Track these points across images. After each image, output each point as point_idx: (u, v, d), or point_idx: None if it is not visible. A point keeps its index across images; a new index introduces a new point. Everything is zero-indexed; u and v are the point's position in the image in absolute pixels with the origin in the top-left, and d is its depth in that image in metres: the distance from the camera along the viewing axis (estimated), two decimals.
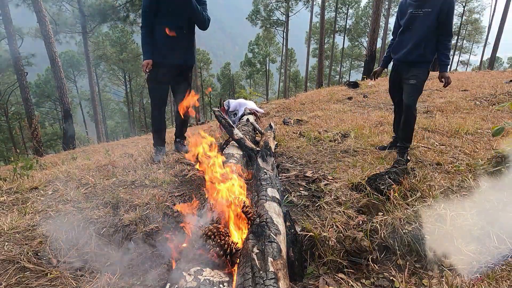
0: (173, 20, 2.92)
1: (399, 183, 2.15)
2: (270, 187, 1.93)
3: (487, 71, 11.95)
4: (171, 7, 2.89)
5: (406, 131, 3.01)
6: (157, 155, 3.21)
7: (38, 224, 1.98)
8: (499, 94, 6.10)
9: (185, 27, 3.02)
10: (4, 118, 23.53)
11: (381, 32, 21.98)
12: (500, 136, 2.74)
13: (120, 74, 31.81)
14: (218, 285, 1.22)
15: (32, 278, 1.55)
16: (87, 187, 2.54)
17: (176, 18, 2.93)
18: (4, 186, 2.68)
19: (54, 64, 10.14)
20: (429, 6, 2.77)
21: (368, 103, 6.63)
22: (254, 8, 31.81)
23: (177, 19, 2.94)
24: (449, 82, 2.95)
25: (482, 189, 2.13)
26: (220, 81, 40.59)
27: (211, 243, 1.37)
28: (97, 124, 15.85)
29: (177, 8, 2.91)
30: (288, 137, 3.97)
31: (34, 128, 9.61)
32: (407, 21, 2.92)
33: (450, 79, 2.94)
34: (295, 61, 40.39)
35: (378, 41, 14.84)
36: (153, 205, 2.15)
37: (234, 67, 44.42)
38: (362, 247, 1.63)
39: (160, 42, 2.96)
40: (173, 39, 2.95)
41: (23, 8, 13.27)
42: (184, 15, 2.96)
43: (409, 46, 2.91)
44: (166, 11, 2.90)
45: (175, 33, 2.93)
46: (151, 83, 3.12)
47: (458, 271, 1.50)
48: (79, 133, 24.64)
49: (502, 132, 2.31)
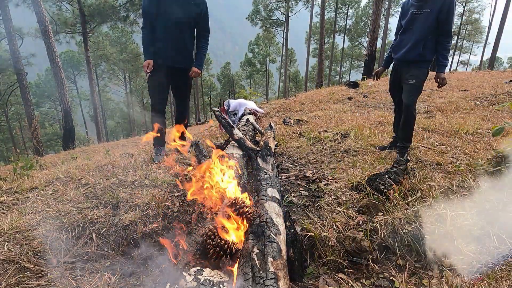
0: (173, 22, 2.91)
1: (399, 183, 2.15)
2: (270, 187, 1.93)
3: (487, 71, 11.95)
4: (171, 8, 2.88)
5: (406, 131, 3.01)
6: (157, 156, 3.21)
7: (38, 224, 1.97)
8: (499, 94, 6.10)
9: (185, 28, 2.99)
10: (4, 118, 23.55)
11: (381, 32, 21.97)
12: (500, 136, 2.74)
13: (120, 74, 31.81)
14: (218, 285, 1.22)
15: (32, 278, 1.55)
16: (87, 187, 2.54)
17: (176, 19, 2.91)
18: (4, 186, 2.68)
19: (54, 64, 10.14)
20: (429, 6, 2.79)
21: (368, 103, 6.63)
22: (254, 8, 31.80)
23: (177, 20, 2.92)
24: (444, 83, 2.95)
25: (482, 189, 2.13)
26: (220, 81, 40.59)
27: (211, 243, 1.37)
28: (97, 124, 15.84)
29: (177, 9, 2.89)
30: (288, 137, 3.97)
31: (34, 128, 9.61)
32: (408, 21, 2.94)
33: (445, 81, 2.95)
34: (295, 61, 40.39)
35: (378, 41, 14.85)
36: (153, 205, 2.15)
37: (234, 67, 44.41)
38: (362, 247, 1.63)
39: (160, 43, 2.95)
40: (173, 40, 2.94)
41: (23, 8, 13.25)
42: (184, 17, 2.94)
43: (408, 46, 2.93)
44: (166, 12, 2.88)
45: (174, 34, 2.91)
46: (151, 84, 3.12)
47: (458, 271, 1.50)
48: (79, 133, 24.65)
49: (502, 132, 2.31)
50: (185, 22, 2.97)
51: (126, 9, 15.73)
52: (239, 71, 40.92)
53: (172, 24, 2.91)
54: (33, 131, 9.45)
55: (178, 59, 3.02)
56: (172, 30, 2.91)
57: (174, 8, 2.89)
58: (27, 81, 10.78)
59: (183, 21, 2.96)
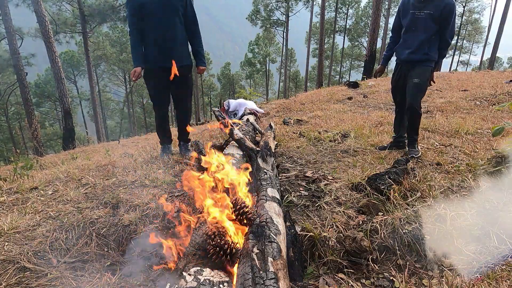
0: (160, 22, 2.81)
1: (399, 183, 2.15)
2: (270, 187, 1.93)
3: (487, 71, 11.94)
4: (155, 8, 2.77)
5: (413, 129, 3.10)
6: (162, 153, 3.25)
7: (38, 224, 1.97)
8: (499, 94, 6.10)
9: (174, 27, 2.88)
10: (4, 118, 23.54)
11: (381, 32, 21.98)
12: (500, 136, 2.75)
13: (120, 74, 31.80)
14: (218, 285, 1.22)
15: (32, 278, 1.55)
16: (87, 187, 2.54)
17: (163, 19, 2.82)
18: (4, 186, 2.68)
19: (54, 64, 10.14)
20: (430, 8, 2.79)
21: (368, 103, 6.63)
22: (254, 8, 31.80)
23: (164, 19, 2.82)
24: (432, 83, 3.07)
25: (482, 189, 2.13)
26: (220, 81, 40.58)
27: (211, 243, 1.37)
28: (97, 124, 15.85)
29: (162, 8, 2.79)
30: (288, 137, 3.97)
31: (34, 128, 9.61)
32: (409, 21, 2.94)
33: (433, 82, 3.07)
34: (295, 61, 40.37)
35: (378, 41, 14.85)
36: (153, 205, 2.15)
37: (234, 67, 44.38)
38: (362, 247, 1.63)
39: (150, 46, 2.86)
40: (163, 41, 2.84)
41: (23, 8, 13.26)
42: (170, 15, 2.83)
43: (413, 47, 2.93)
44: (151, 13, 2.78)
45: (164, 34, 2.82)
46: (149, 89, 3.08)
47: (458, 271, 1.50)
48: (79, 133, 24.61)
49: (502, 132, 2.31)
50: (172, 17, 2.86)
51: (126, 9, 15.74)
52: (239, 71, 40.90)
53: (160, 23, 2.82)
54: (33, 131, 9.45)
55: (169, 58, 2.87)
56: (161, 29, 2.82)
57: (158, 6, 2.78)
58: (27, 81, 10.77)
59: (171, 17, 2.85)
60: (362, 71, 15.27)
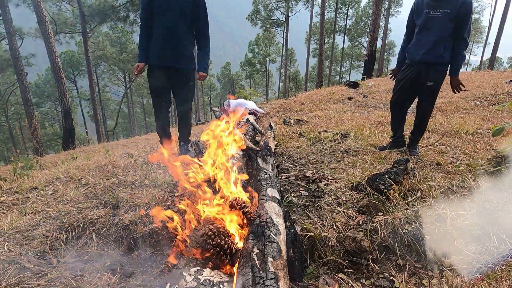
0: (165, 22, 2.80)
1: (399, 183, 2.15)
2: (270, 187, 1.93)
3: (487, 71, 11.94)
4: (163, 7, 2.77)
5: (421, 130, 3.15)
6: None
7: (38, 224, 1.98)
8: (499, 94, 6.10)
9: (178, 29, 2.86)
10: (4, 118, 23.55)
11: (381, 32, 21.94)
12: (500, 136, 2.75)
13: (120, 74, 31.81)
14: (218, 285, 1.22)
15: (32, 278, 1.55)
16: (87, 187, 2.54)
17: (168, 19, 2.80)
18: (4, 186, 2.68)
19: (54, 64, 10.14)
20: (446, 7, 2.73)
21: (368, 103, 6.63)
22: (254, 8, 31.78)
23: (169, 20, 2.80)
24: (459, 89, 2.92)
25: (482, 189, 2.13)
26: (220, 81, 40.61)
27: (211, 243, 1.37)
28: (97, 124, 15.83)
29: (169, 8, 2.77)
30: (288, 137, 3.97)
31: (34, 128, 9.61)
32: (424, 21, 2.87)
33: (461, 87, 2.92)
34: (295, 61, 40.37)
35: (378, 41, 14.84)
36: (153, 205, 2.15)
37: (234, 67, 44.39)
38: (362, 247, 1.63)
39: (154, 44, 2.86)
40: (165, 41, 2.82)
41: (23, 8, 13.27)
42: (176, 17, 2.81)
43: (427, 47, 2.86)
44: (159, 12, 2.78)
45: (167, 34, 2.81)
46: (150, 86, 3.05)
47: (458, 271, 1.50)
48: (79, 133, 24.63)
49: (502, 132, 2.31)
50: (177, 19, 2.84)
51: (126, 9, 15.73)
52: (239, 71, 40.91)
53: (165, 23, 2.81)
54: (33, 131, 9.46)
55: (175, 59, 2.89)
56: (168, 28, 2.81)
57: (166, 6, 2.77)
58: (27, 81, 10.77)
59: (176, 19, 2.83)
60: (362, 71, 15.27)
